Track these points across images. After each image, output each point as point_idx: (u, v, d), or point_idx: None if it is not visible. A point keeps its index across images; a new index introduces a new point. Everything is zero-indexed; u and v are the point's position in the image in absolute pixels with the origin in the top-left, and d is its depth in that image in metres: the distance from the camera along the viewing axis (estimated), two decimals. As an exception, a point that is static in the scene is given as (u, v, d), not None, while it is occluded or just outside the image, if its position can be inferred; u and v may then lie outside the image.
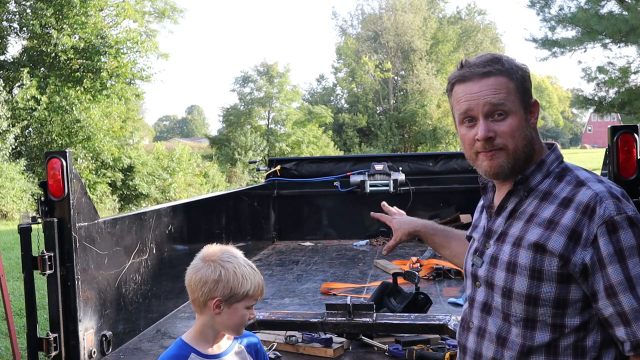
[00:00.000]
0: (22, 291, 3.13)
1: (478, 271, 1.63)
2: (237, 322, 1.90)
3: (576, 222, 1.45)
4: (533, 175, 1.57)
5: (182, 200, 5.50)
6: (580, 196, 1.47)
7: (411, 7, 43.65)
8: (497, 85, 1.53)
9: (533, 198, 1.55)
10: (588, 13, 14.61)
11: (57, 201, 2.95)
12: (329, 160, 7.67)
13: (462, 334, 1.70)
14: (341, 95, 47.77)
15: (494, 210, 1.63)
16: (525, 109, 1.56)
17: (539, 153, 1.59)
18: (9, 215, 18.09)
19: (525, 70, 1.58)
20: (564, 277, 1.47)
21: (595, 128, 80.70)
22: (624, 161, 2.71)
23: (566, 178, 1.54)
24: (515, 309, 1.52)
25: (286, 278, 5.16)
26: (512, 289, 1.51)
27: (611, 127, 2.76)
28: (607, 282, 1.43)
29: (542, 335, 1.50)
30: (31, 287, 2.95)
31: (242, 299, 1.87)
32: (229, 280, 1.85)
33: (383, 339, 3.25)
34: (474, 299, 1.65)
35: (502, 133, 1.53)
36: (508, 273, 1.53)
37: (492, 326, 1.58)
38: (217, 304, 1.86)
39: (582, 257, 1.44)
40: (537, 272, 1.48)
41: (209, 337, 1.92)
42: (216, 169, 29.88)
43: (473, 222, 1.78)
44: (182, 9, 27.82)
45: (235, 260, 1.89)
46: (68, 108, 20.90)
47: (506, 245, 1.55)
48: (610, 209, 1.43)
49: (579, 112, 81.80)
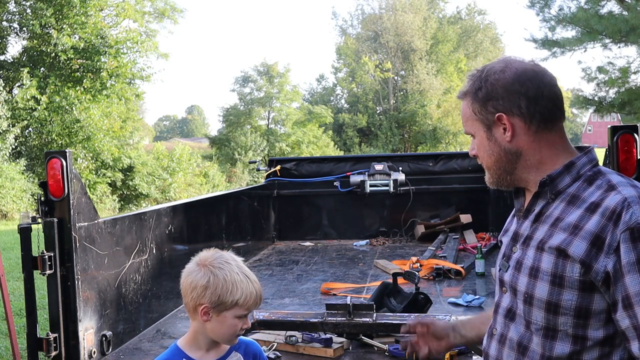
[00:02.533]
0: (22, 291, 3.13)
1: (504, 276, 1.58)
2: (228, 332, 1.82)
3: (601, 228, 1.37)
4: (561, 178, 1.50)
5: (182, 200, 5.50)
6: (609, 201, 1.39)
7: (411, 7, 43.64)
8: (465, 110, 1.59)
9: (560, 201, 1.49)
10: (588, 13, 14.60)
11: (57, 201, 2.95)
12: (329, 160, 7.68)
13: (486, 340, 1.66)
14: (341, 95, 47.80)
15: (522, 213, 1.59)
16: (487, 127, 1.54)
17: (554, 158, 1.52)
18: (9, 215, 18.09)
19: (495, 82, 1.51)
20: (586, 285, 1.39)
21: (595, 128, 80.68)
22: (624, 161, 2.71)
23: (597, 182, 1.46)
24: (535, 317, 1.46)
25: (286, 278, 5.16)
26: (533, 294, 1.46)
27: (611, 127, 2.76)
28: (624, 292, 1.35)
29: (562, 346, 1.43)
30: (31, 287, 2.96)
31: (231, 308, 1.78)
32: (217, 287, 1.77)
33: (383, 339, 3.25)
34: (499, 304, 1.61)
35: (477, 153, 1.61)
36: (530, 278, 1.47)
37: (514, 333, 1.53)
38: (205, 311, 1.79)
39: (605, 265, 1.36)
40: (558, 278, 1.42)
41: (201, 344, 1.86)
42: (216, 169, 29.88)
43: (505, 227, 1.72)
44: (182, 9, 27.85)
45: (228, 267, 1.80)
46: (68, 108, 20.90)
47: (530, 250, 1.50)
48: (638, 215, 1.35)
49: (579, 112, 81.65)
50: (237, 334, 1.84)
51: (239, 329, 1.83)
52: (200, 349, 1.86)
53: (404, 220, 7.12)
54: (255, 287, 1.83)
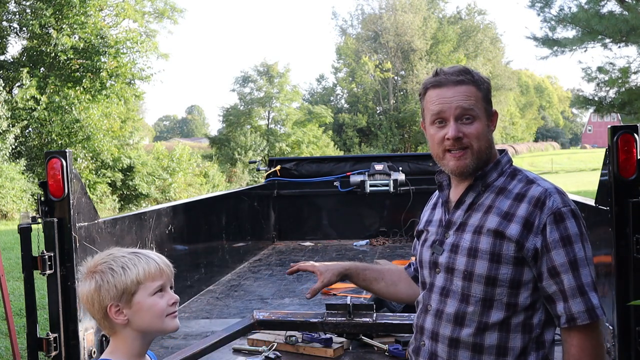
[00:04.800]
0: (22, 291, 3.13)
1: (439, 259, 1.79)
2: (155, 314, 1.61)
3: (529, 213, 1.67)
4: (490, 173, 1.78)
5: (182, 200, 5.50)
6: (532, 191, 1.70)
7: (411, 7, 43.65)
8: (468, 93, 1.74)
9: (489, 193, 1.76)
10: (588, 13, 14.59)
11: (57, 201, 2.95)
12: (329, 160, 7.67)
13: (420, 316, 1.86)
14: (341, 95, 47.81)
15: (452, 204, 1.82)
16: (488, 117, 1.78)
17: (495, 155, 1.81)
18: (9, 215, 18.09)
19: (489, 83, 1.81)
20: (518, 260, 1.67)
21: (595, 128, 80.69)
22: (624, 161, 2.70)
23: (518, 177, 1.76)
24: (475, 290, 1.70)
25: (286, 278, 5.16)
26: (473, 271, 1.70)
27: (611, 127, 2.75)
28: (550, 264, 1.64)
29: (497, 313, 1.69)
30: (31, 287, 2.95)
31: (136, 290, 1.59)
32: (108, 281, 1.58)
33: (383, 339, 3.26)
34: (433, 284, 1.81)
35: (469, 134, 1.73)
36: (469, 258, 1.71)
37: (451, 308, 1.74)
38: (116, 310, 1.59)
39: (534, 243, 1.65)
40: (496, 256, 1.68)
41: (135, 352, 1.65)
42: (216, 169, 29.87)
43: (426, 218, 1.96)
44: (182, 9, 27.84)
45: (110, 257, 1.62)
46: (68, 108, 20.89)
47: (467, 234, 1.74)
48: (558, 202, 1.67)
49: (579, 112, 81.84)
50: (168, 312, 1.63)
51: (166, 306, 1.62)
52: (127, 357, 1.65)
53: (404, 220, 7.12)
54: (150, 257, 1.64)
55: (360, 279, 2.13)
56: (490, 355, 1.69)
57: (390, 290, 2.13)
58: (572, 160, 49.01)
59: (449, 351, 1.73)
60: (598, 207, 3.06)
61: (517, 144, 60.63)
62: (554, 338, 1.73)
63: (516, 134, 64.47)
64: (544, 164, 45.69)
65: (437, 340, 1.76)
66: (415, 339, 1.86)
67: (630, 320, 2.63)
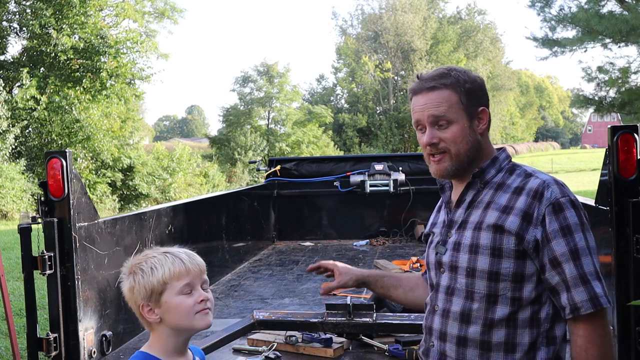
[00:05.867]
0: (22, 291, 3.13)
1: (442, 258, 1.79)
2: (184, 313, 1.65)
3: (528, 205, 1.66)
4: (488, 170, 1.78)
5: (182, 200, 5.50)
6: (530, 184, 1.69)
7: (411, 7, 43.63)
8: (439, 99, 1.73)
9: (489, 189, 1.76)
10: (588, 13, 14.58)
11: (57, 201, 2.95)
12: (329, 160, 7.67)
13: (428, 317, 1.85)
14: (341, 95, 47.79)
15: (453, 204, 1.83)
16: (471, 117, 1.75)
17: (492, 152, 1.81)
18: (9, 215, 18.09)
19: (475, 81, 1.77)
20: (520, 254, 1.66)
21: (595, 128, 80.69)
22: (624, 161, 2.71)
23: (516, 172, 1.76)
24: (478, 286, 1.69)
25: (286, 278, 5.16)
26: (475, 267, 1.69)
27: (611, 127, 2.76)
28: (551, 254, 1.63)
29: (502, 309, 1.67)
30: (31, 287, 2.95)
31: (164, 289, 1.64)
32: (139, 281, 1.66)
33: (383, 339, 3.25)
34: (439, 284, 1.81)
35: (446, 139, 1.73)
36: (471, 254, 1.71)
37: (456, 306, 1.74)
38: (147, 310, 1.67)
39: (534, 235, 1.64)
40: (497, 250, 1.67)
41: (169, 348, 1.69)
42: (216, 169, 29.86)
43: (431, 221, 1.96)
44: (182, 9, 27.82)
45: (143, 258, 1.70)
46: (68, 108, 20.88)
47: (467, 231, 1.74)
48: (556, 193, 1.66)
49: (579, 112, 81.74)
50: (197, 310, 1.66)
51: (194, 304, 1.66)
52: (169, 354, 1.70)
53: (404, 220, 7.12)
54: (179, 257, 1.69)
55: (378, 286, 2.12)
56: (499, 352, 1.68)
57: (409, 296, 2.12)
58: (572, 160, 48.99)
59: (458, 350, 1.72)
60: (598, 207, 3.06)
61: (517, 144, 60.65)
62: (565, 334, 1.71)
63: (516, 134, 64.51)
64: (544, 164, 45.67)
65: (445, 340, 1.76)
66: (424, 341, 1.86)
67: (630, 320, 2.63)
